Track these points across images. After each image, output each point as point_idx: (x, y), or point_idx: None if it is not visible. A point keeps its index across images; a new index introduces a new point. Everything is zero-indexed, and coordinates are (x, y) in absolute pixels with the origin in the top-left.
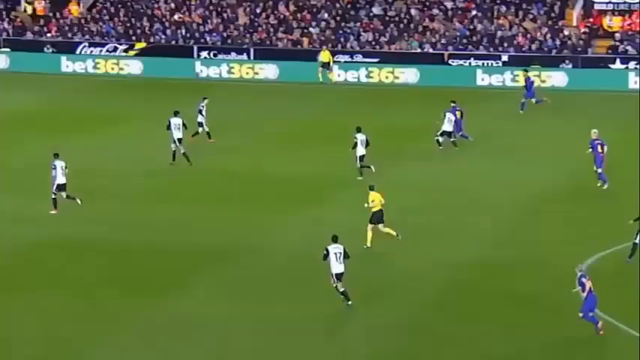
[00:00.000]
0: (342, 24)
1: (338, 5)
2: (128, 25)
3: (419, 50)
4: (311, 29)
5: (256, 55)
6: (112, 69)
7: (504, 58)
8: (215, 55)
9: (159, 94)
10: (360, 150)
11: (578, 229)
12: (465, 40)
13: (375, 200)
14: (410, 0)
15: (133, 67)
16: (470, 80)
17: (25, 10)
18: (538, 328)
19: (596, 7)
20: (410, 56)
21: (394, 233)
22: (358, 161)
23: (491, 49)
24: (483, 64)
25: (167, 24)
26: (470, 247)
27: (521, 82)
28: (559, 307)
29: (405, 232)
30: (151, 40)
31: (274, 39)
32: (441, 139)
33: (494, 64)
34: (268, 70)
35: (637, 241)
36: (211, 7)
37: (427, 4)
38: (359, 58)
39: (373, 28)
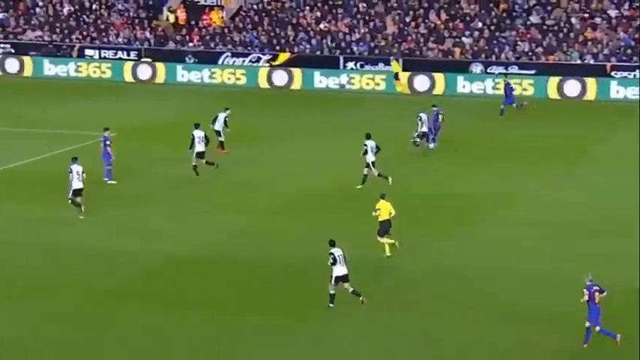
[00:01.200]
0: (497, 33)
1: (493, 13)
2: (272, 34)
3: (579, 61)
4: (463, 39)
5: (405, 66)
6: (255, 79)
7: None
8: (362, 66)
9: (306, 106)
10: (370, 157)
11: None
12: (629, 51)
13: (382, 209)
14: (570, 8)
15: (279, 77)
16: (635, 94)
17: (167, 19)
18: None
19: None
20: (569, 68)
21: (395, 244)
22: (372, 168)
23: None
24: None
25: (312, 33)
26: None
27: (501, 89)
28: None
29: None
30: (295, 49)
31: (424, 49)
32: (418, 140)
33: None
34: (418, 82)
35: None
36: (358, 16)
37: (589, 12)
38: (514, 69)
39: (530, 37)
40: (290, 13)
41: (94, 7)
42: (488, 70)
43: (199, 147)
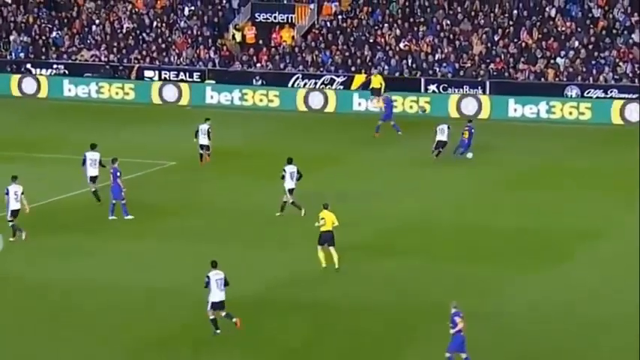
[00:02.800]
0: (595, 53)
1: (591, 32)
2: (347, 54)
3: None
4: (558, 59)
5: (492, 88)
6: (332, 104)
7: None
8: (445, 89)
9: (384, 133)
10: (289, 183)
11: None
12: None
13: (326, 219)
14: None
15: (352, 100)
16: None
17: (233, 38)
18: None
19: None
20: None
21: (336, 263)
22: (288, 195)
23: None
24: None
25: (391, 53)
26: None
27: (381, 105)
28: None
29: None
30: (373, 71)
31: (513, 71)
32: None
33: None
34: (504, 106)
35: None
36: (442, 35)
37: None
38: (614, 93)
39: (632, 58)
40: (367, 30)
41: (154, 24)
42: (585, 94)
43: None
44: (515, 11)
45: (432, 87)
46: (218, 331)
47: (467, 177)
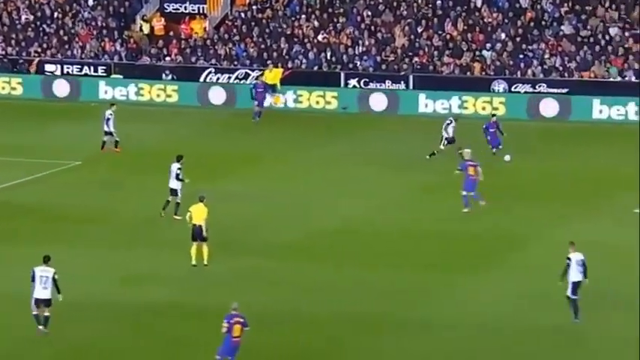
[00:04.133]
0: (523, 46)
1: (518, 23)
2: (262, 47)
3: (619, 79)
4: (484, 52)
5: (416, 83)
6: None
7: None
8: (366, 84)
9: (302, 129)
10: (172, 183)
11: None
12: None
13: (193, 213)
14: (609, 17)
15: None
16: None
17: (140, 30)
18: None
19: None
20: (607, 86)
21: (205, 259)
22: (174, 195)
23: None
24: None
25: (309, 46)
26: None
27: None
28: None
29: None
30: (290, 65)
31: (438, 64)
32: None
33: None
34: (430, 101)
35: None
36: (363, 26)
37: (630, 21)
38: (543, 87)
39: (561, 51)
40: (283, 22)
41: (55, 15)
42: (512, 89)
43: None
44: (439, 1)
45: (353, 81)
46: (40, 327)
47: (394, 179)
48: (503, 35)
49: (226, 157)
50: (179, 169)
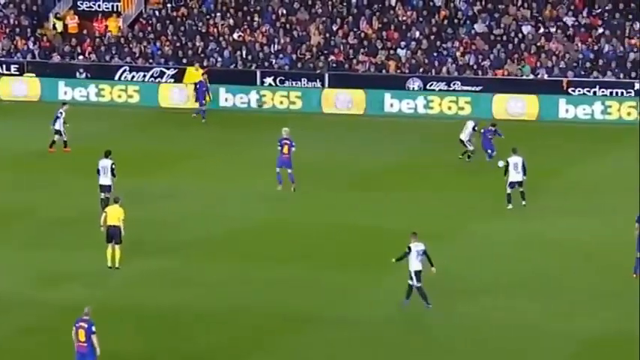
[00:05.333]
0: (437, 44)
1: (432, 21)
2: (177, 45)
3: (531, 76)
4: (399, 50)
5: (332, 81)
6: (159, 97)
7: (638, 86)
8: (282, 82)
9: (217, 129)
10: (103, 179)
11: None
12: (588, 65)
13: (108, 214)
14: (521, 15)
15: (180, 95)
16: (594, 113)
17: (54, 28)
18: None
19: None
20: (520, 83)
21: (117, 262)
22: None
23: (622, 76)
24: (612, 93)
25: (224, 44)
26: None
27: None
28: None
29: None
30: (205, 63)
31: (354, 62)
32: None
33: (626, 94)
34: (345, 99)
35: None
36: (278, 24)
37: (542, 20)
38: (457, 85)
39: (475, 49)
40: (199, 20)
41: None
42: (427, 87)
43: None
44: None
45: (269, 80)
46: None
47: (311, 176)
48: (417, 33)
49: (147, 156)
50: (114, 164)
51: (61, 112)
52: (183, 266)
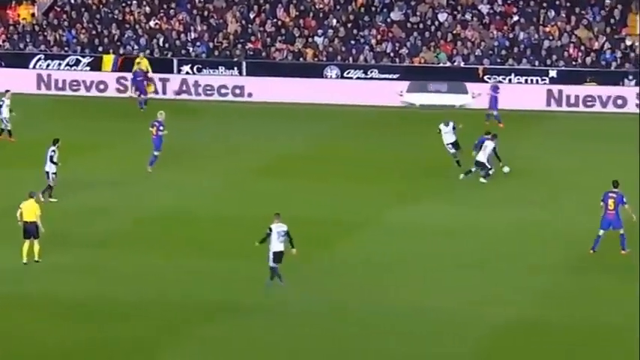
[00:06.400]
0: (354, 32)
1: (349, 9)
2: (93, 33)
3: (448, 64)
4: (316, 38)
5: (249, 69)
6: (73, 86)
7: (552, 73)
8: (199, 70)
9: (133, 117)
10: (47, 166)
11: None
12: (504, 52)
13: (24, 210)
14: (437, 3)
15: (97, 83)
16: (511, 101)
17: None
18: None
19: None
20: (437, 71)
21: (36, 255)
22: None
23: (537, 63)
24: (527, 80)
25: (141, 32)
26: None
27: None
28: None
29: None
30: (121, 51)
31: (271, 50)
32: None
33: (541, 81)
34: (263, 88)
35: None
36: (195, 12)
37: (458, 8)
38: (375, 73)
39: (392, 37)
40: (115, 8)
41: None
42: (345, 75)
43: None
44: None
45: (186, 68)
46: None
47: (224, 165)
48: (334, 21)
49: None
50: (53, 151)
51: (3, 100)
52: (96, 257)
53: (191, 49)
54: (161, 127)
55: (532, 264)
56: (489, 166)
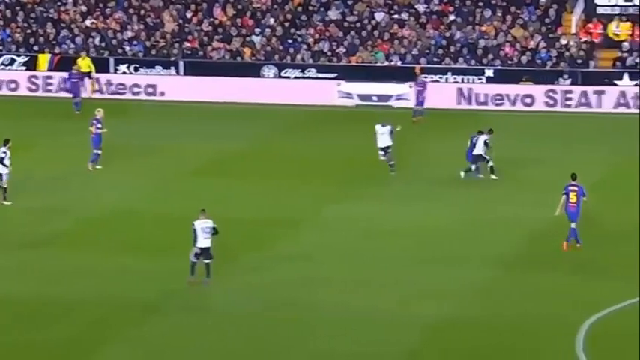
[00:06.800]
0: (292, 31)
1: (286, 8)
2: (29, 32)
3: (385, 63)
4: (253, 37)
5: (187, 68)
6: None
7: (489, 72)
8: (136, 69)
9: (63, 119)
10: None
11: None
12: (440, 51)
13: None
14: (374, 2)
15: (30, 83)
16: (447, 99)
17: None
18: None
19: (600, 11)
20: (374, 70)
21: None
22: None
23: (473, 62)
24: (463, 79)
25: (77, 31)
26: None
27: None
28: None
29: None
30: (57, 50)
31: (209, 49)
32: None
33: (477, 80)
34: (200, 87)
35: None
36: (131, 11)
37: (395, 7)
38: (312, 72)
39: (330, 36)
40: (50, 7)
41: None
42: (282, 74)
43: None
44: None
45: (123, 67)
46: None
47: (162, 165)
48: (272, 20)
49: None
50: (4, 152)
51: None
52: (36, 258)
53: (128, 48)
54: (99, 125)
55: (467, 261)
56: (487, 158)
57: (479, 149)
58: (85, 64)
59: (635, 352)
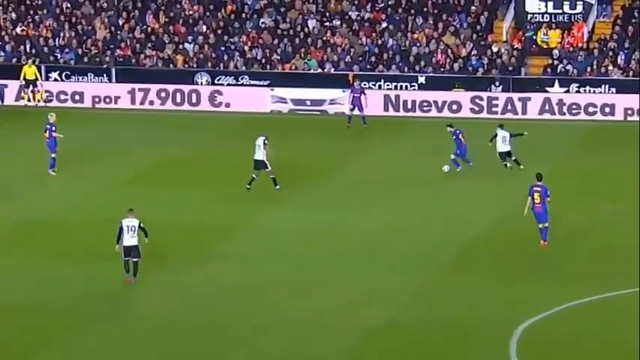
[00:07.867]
0: (224, 38)
1: (219, 15)
2: None
3: (319, 70)
4: (186, 45)
5: (119, 76)
6: None
7: (421, 79)
8: (68, 77)
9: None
10: None
11: None
12: (373, 59)
13: None
14: (306, 9)
15: None
16: (380, 106)
17: None
18: None
19: (530, 18)
20: (307, 77)
21: None
22: None
23: (406, 69)
24: (396, 86)
25: (7, 38)
26: None
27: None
28: None
29: None
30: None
31: (141, 57)
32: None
33: (410, 87)
34: (132, 94)
35: None
36: (63, 18)
37: (327, 14)
38: (245, 79)
39: (262, 43)
40: None
41: None
42: (215, 81)
43: None
44: None
45: (54, 74)
46: None
47: (97, 171)
48: (204, 28)
49: None
50: None
51: None
52: None
53: (59, 55)
54: (53, 129)
55: (406, 264)
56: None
57: (503, 146)
58: (30, 71)
59: (568, 357)
